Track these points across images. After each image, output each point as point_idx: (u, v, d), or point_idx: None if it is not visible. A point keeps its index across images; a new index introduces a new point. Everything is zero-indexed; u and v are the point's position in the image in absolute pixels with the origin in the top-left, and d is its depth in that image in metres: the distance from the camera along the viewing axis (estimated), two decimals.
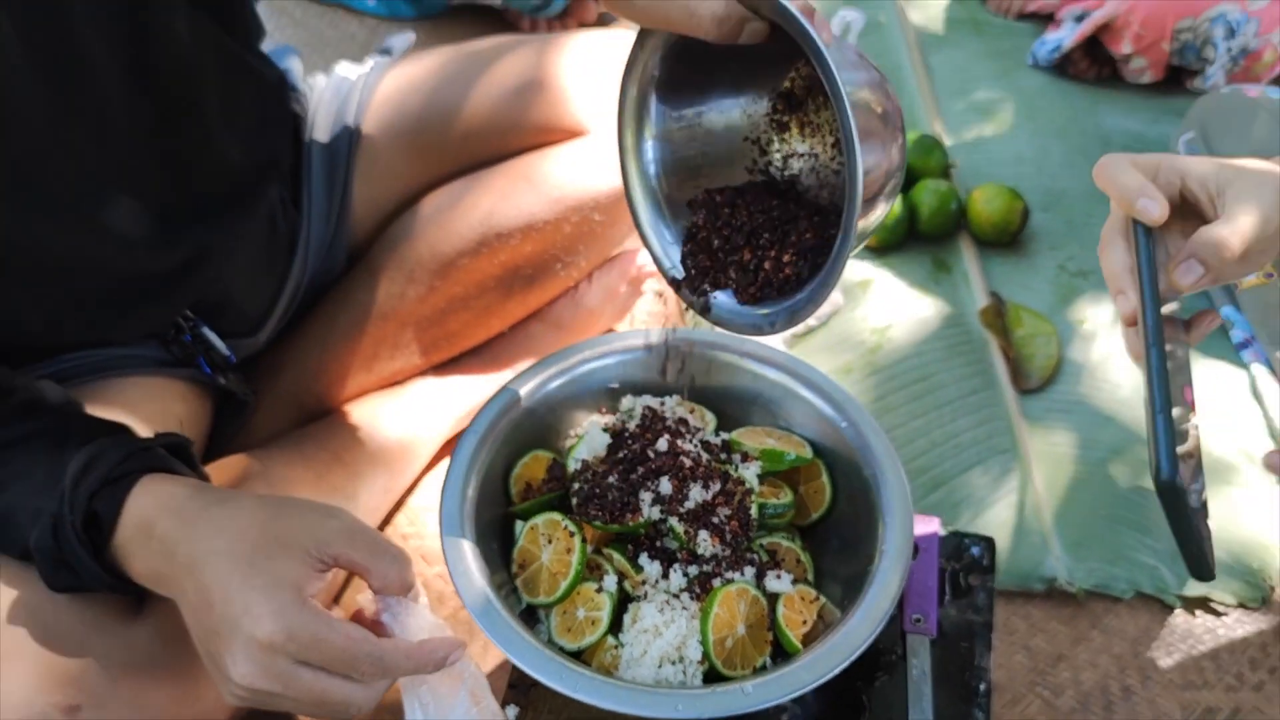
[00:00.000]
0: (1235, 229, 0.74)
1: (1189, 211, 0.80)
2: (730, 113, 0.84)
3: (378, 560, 0.73)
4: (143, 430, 0.93)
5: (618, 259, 1.26)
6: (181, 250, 0.92)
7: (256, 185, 1.00)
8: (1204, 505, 0.73)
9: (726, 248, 0.82)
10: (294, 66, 1.14)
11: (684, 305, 0.91)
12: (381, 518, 1.15)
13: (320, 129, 1.12)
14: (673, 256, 0.85)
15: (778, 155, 0.85)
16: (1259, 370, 1.33)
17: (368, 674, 0.69)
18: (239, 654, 0.67)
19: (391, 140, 1.15)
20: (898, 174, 0.74)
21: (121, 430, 0.80)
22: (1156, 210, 0.76)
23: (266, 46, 1.05)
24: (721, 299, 0.82)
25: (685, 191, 0.85)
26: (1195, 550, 0.67)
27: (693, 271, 0.84)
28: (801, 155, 0.84)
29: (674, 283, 0.85)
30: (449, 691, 0.72)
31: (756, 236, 0.81)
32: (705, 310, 0.82)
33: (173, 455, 0.81)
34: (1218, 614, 1.14)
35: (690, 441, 0.90)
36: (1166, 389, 0.67)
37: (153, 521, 0.72)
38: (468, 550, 0.82)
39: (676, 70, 0.80)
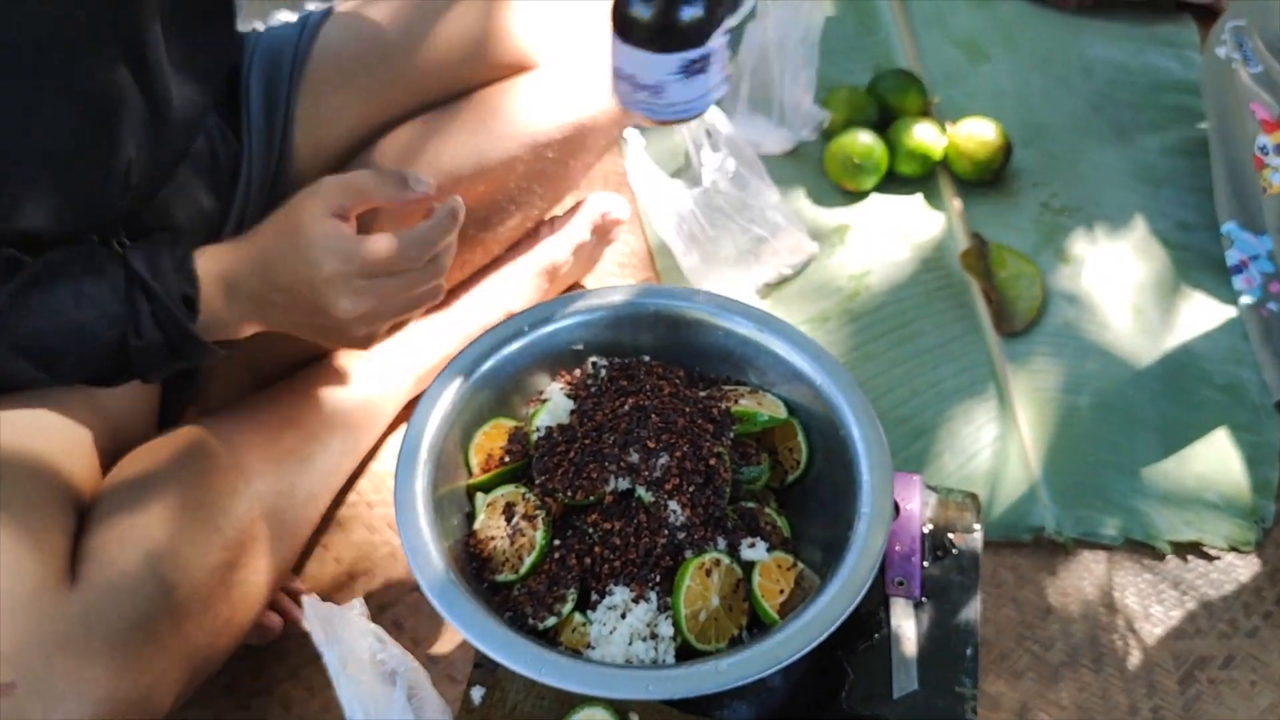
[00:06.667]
0: None
1: None
2: None
3: (377, 186, 0.86)
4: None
5: (581, 205, 1.25)
6: (136, 193, 0.91)
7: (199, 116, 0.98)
8: None
9: None
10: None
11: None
12: (342, 481, 1.09)
13: (259, 65, 1.07)
14: None
15: None
16: (1247, 302, 1.29)
17: (416, 258, 0.85)
18: (331, 300, 0.84)
19: (336, 84, 1.09)
20: None
21: (145, 241, 0.89)
22: None
23: None
24: None
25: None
26: None
27: None
28: None
29: None
30: (384, 695, 0.68)
31: None
32: None
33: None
34: (1210, 558, 1.11)
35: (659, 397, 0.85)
36: None
37: (222, 275, 0.86)
38: (424, 528, 0.77)
39: None
